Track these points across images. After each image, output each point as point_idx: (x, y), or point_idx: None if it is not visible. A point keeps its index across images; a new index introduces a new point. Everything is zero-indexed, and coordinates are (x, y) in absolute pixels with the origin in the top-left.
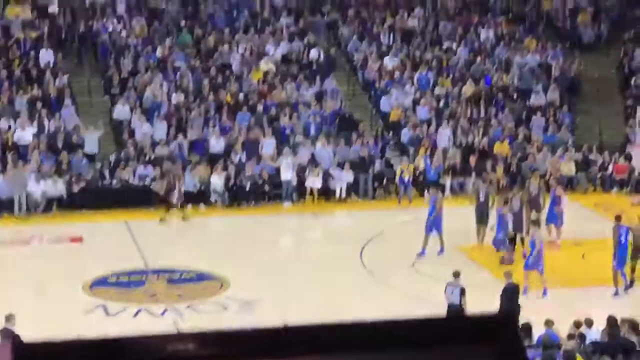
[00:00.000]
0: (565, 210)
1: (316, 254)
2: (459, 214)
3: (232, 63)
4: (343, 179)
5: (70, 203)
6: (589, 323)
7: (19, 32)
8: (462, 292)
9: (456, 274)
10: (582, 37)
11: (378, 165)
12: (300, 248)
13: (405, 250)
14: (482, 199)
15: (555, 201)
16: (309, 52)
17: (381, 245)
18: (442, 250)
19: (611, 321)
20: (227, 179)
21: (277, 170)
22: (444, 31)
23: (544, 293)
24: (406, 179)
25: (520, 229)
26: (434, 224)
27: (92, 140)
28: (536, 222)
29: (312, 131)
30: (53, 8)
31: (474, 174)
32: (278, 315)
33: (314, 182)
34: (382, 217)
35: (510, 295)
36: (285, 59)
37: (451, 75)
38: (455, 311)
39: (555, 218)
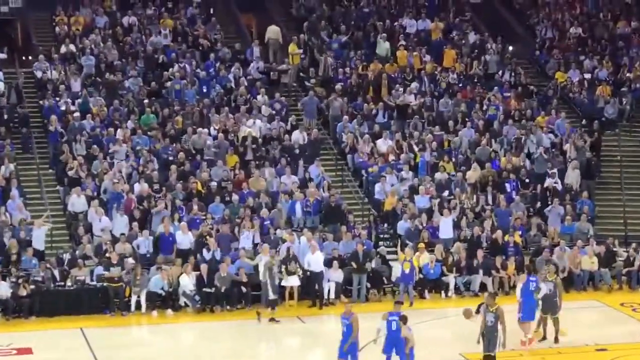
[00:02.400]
0: (580, 309)
1: None
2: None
3: (203, 147)
4: (331, 278)
5: (18, 308)
6: None
7: None
8: None
9: None
10: (602, 113)
11: (373, 263)
12: (283, 359)
13: None
14: (548, 292)
15: (532, 293)
16: (291, 134)
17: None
18: None
19: None
20: (199, 280)
21: (256, 268)
22: (445, 108)
23: None
24: (407, 271)
25: (493, 347)
26: (350, 350)
27: (39, 236)
28: (404, 318)
29: (295, 224)
30: None
31: (481, 271)
32: None
33: (293, 280)
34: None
35: None
36: (265, 142)
37: (454, 159)
38: None
39: (532, 311)
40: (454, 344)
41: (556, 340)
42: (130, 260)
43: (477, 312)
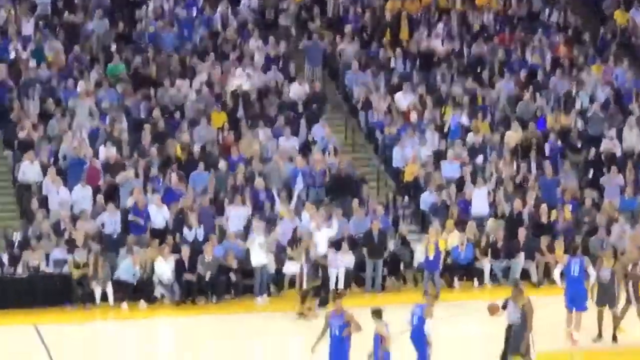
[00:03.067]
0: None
1: None
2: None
3: (183, 102)
4: (340, 263)
5: None
6: None
7: None
8: None
9: None
10: None
11: (391, 244)
12: None
13: None
14: (604, 280)
15: (581, 277)
16: (290, 87)
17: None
18: None
19: None
20: (178, 265)
21: (248, 252)
22: (479, 56)
23: None
24: (431, 257)
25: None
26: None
27: None
28: (377, 312)
29: (296, 196)
30: None
31: (522, 254)
32: None
33: (294, 266)
34: (396, 316)
35: None
36: (259, 96)
37: (489, 117)
38: None
39: (581, 300)
40: (488, 344)
41: (614, 338)
42: (94, 245)
43: (504, 307)
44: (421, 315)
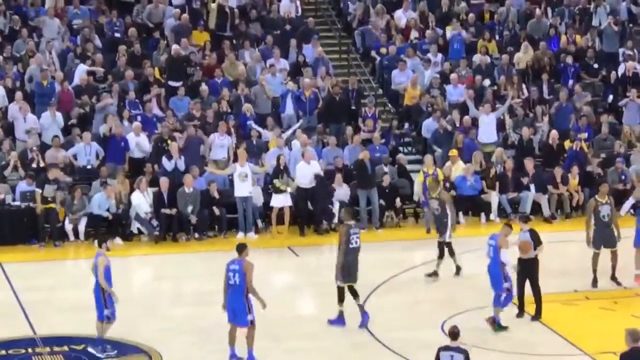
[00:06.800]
0: None
1: (294, 311)
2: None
3: (162, 20)
4: (335, 196)
5: None
6: None
7: None
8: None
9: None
10: None
11: (389, 176)
12: (268, 303)
13: (432, 307)
14: (606, 218)
15: None
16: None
17: (393, 300)
18: None
19: None
20: (157, 199)
21: (231, 183)
22: None
23: None
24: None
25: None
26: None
27: None
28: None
29: (286, 123)
30: None
31: (532, 186)
32: None
33: (283, 199)
34: (394, 254)
35: None
36: (243, 14)
37: (497, 36)
38: None
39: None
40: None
41: (614, 277)
42: (67, 178)
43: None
44: (495, 245)
